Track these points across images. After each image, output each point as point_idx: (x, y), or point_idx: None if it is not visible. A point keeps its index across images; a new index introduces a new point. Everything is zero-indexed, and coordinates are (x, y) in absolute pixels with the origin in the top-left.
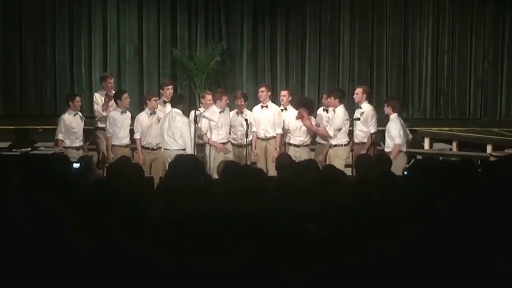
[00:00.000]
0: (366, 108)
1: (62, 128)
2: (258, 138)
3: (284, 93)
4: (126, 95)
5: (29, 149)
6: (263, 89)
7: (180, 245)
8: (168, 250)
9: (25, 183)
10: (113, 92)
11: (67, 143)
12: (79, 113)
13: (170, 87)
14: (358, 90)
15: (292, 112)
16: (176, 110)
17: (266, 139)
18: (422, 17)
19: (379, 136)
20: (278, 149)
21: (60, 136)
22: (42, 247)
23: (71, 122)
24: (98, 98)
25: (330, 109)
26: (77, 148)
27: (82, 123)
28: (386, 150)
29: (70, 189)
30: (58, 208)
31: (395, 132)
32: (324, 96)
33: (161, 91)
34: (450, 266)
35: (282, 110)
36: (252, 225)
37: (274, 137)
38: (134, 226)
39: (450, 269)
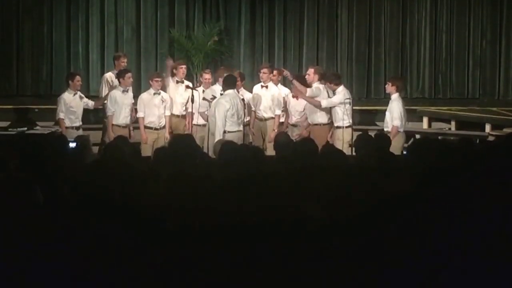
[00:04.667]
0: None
1: (62, 107)
2: (256, 118)
3: (264, 70)
4: (129, 74)
5: (25, 128)
6: (264, 70)
7: (176, 229)
8: (164, 233)
9: (22, 163)
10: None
11: (67, 122)
12: (79, 92)
13: (183, 66)
14: (310, 71)
15: (272, 89)
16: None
17: (264, 119)
18: None
19: None
20: (275, 130)
21: (61, 116)
22: (38, 228)
23: (71, 102)
24: (109, 79)
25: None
26: (77, 128)
27: (82, 103)
28: (385, 129)
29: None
30: (54, 188)
31: (397, 113)
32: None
33: (173, 70)
34: (450, 246)
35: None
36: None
37: (272, 117)
38: (129, 207)
39: (450, 249)
